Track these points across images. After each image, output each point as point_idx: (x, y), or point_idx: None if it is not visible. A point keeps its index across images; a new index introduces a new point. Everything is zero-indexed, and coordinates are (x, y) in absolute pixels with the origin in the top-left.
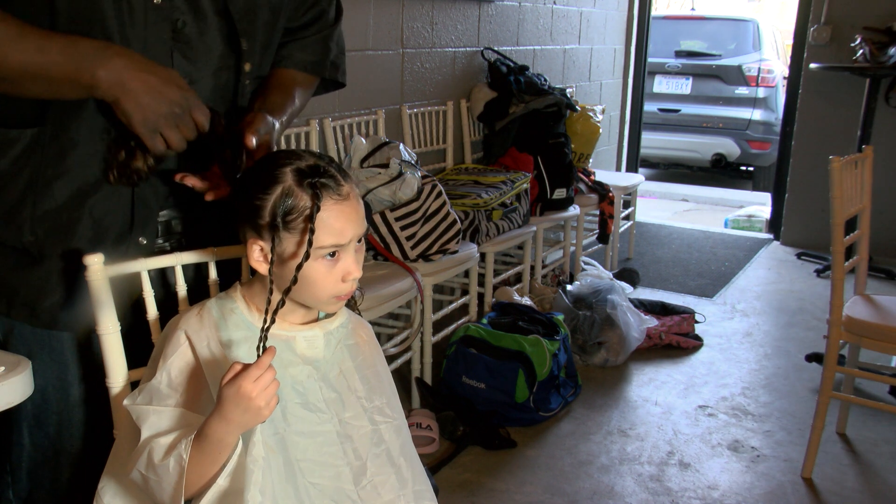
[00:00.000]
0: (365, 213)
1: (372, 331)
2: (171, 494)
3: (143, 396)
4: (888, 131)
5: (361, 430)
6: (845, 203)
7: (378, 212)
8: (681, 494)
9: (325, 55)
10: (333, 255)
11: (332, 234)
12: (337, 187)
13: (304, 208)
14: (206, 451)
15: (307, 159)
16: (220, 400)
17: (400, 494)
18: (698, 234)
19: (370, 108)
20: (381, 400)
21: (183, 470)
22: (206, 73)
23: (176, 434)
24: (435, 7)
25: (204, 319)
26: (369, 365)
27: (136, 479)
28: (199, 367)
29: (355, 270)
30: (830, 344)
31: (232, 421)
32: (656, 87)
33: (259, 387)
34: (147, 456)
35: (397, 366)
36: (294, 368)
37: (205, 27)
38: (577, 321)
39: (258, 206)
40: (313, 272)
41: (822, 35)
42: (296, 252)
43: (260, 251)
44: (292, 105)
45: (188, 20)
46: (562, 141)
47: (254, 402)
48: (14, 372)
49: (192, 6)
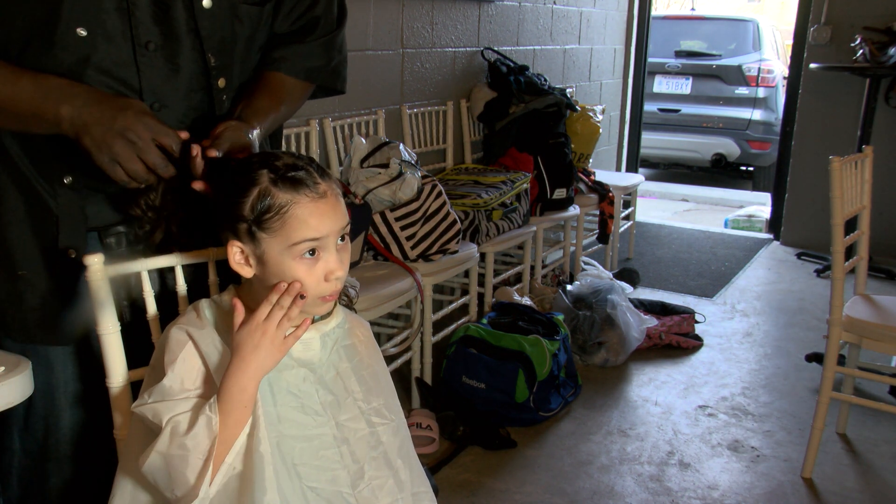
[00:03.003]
0: (365, 215)
1: (370, 329)
2: (199, 467)
3: (154, 396)
4: (888, 131)
5: (359, 433)
6: (845, 203)
7: (378, 212)
8: (681, 494)
9: (323, 62)
10: (313, 253)
11: (307, 229)
12: (313, 185)
13: (279, 207)
14: (230, 408)
15: (284, 159)
16: (235, 347)
17: (398, 497)
18: (698, 234)
19: (370, 108)
20: (379, 401)
21: (214, 433)
22: (178, 94)
23: (195, 409)
24: (435, 7)
25: (203, 319)
26: (366, 366)
27: (153, 467)
28: (205, 365)
29: (338, 269)
30: (830, 344)
31: (249, 363)
32: (656, 87)
33: (270, 324)
34: (169, 433)
35: (397, 366)
36: (289, 372)
37: (177, 48)
38: (577, 321)
39: (236, 209)
40: (294, 272)
41: (822, 35)
42: (275, 253)
43: (240, 253)
44: (276, 112)
45: (158, 42)
46: (562, 141)
47: (266, 337)
48: (14, 372)
49: (162, 28)
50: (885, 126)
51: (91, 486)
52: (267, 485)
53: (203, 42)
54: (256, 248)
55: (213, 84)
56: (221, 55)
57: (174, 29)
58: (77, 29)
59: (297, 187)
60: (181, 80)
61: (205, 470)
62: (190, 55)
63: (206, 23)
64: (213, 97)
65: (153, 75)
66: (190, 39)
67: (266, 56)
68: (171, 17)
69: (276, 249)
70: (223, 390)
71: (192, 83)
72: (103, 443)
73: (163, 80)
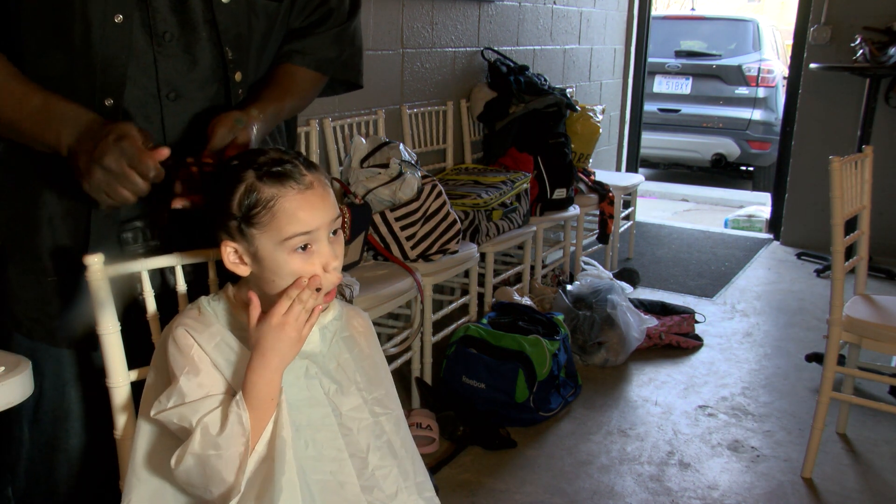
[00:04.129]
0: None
1: (368, 319)
2: (237, 464)
3: (173, 400)
4: (888, 131)
5: (362, 423)
6: (845, 203)
7: (378, 212)
8: (681, 494)
9: (335, 53)
10: (305, 248)
11: (297, 222)
12: (299, 177)
13: (266, 201)
14: (257, 403)
15: (270, 154)
16: (255, 343)
17: (403, 486)
18: (698, 234)
19: (370, 108)
20: (380, 391)
21: (247, 430)
22: (194, 85)
23: (223, 407)
24: (435, 7)
25: (205, 316)
26: (366, 356)
27: (188, 468)
28: (214, 363)
29: (333, 259)
30: (830, 344)
31: (271, 358)
32: (656, 87)
33: (291, 318)
34: (201, 434)
35: (397, 366)
36: (291, 364)
37: (193, 39)
38: (577, 321)
39: (225, 208)
40: (290, 266)
41: (822, 35)
42: (269, 249)
43: (234, 253)
44: (280, 102)
45: (175, 32)
46: (562, 141)
47: (285, 331)
48: (14, 372)
49: (179, 18)
50: (885, 126)
51: (98, 479)
52: (286, 466)
53: (220, 35)
54: (250, 246)
55: (231, 77)
56: (238, 49)
57: (191, 20)
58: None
59: (283, 180)
60: (198, 72)
61: (242, 466)
62: (206, 47)
63: (222, 16)
64: (230, 90)
65: (169, 66)
66: (206, 31)
67: (278, 49)
68: (188, 8)
69: (268, 246)
70: (249, 386)
71: (208, 75)
72: (111, 437)
73: (179, 71)
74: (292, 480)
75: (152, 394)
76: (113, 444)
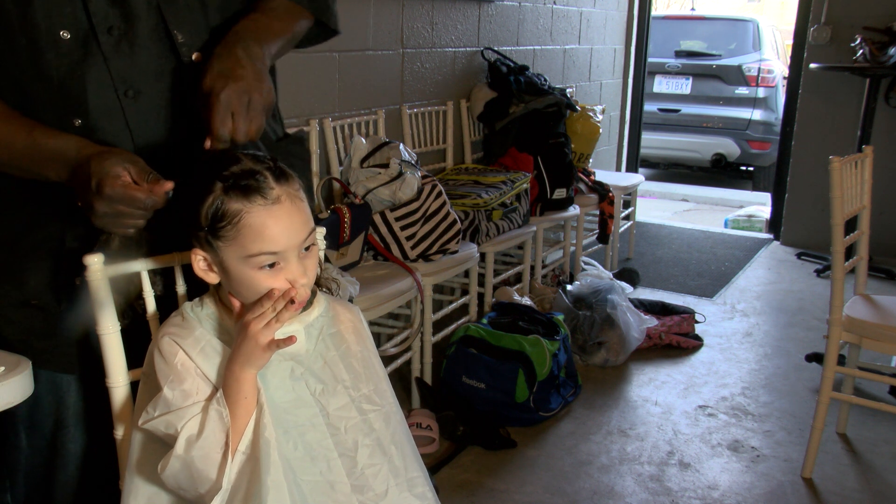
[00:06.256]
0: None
1: (359, 313)
2: (219, 461)
3: (159, 409)
4: (888, 131)
5: (350, 422)
6: (845, 203)
7: (378, 212)
8: (681, 494)
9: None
10: (273, 265)
11: (262, 240)
12: (267, 191)
13: (231, 216)
14: (234, 398)
15: (243, 163)
16: (233, 341)
17: (393, 484)
18: (698, 234)
19: (370, 108)
20: (369, 387)
21: (226, 424)
22: (149, 77)
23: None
24: (435, 7)
25: (189, 321)
26: (354, 352)
27: (174, 471)
28: (200, 369)
29: (301, 276)
30: (830, 344)
31: (237, 357)
32: (656, 87)
33: (260, 322)
34: (185, 437)
35: (397, 366)
36: (276, 366)
37: (138, 28)
38: (577, 321)
39: (194, 216)
40: (255, 282)
41: (822, 35)
42: (234, 263)
43: (204, 261)
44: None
45: (119, 25)
46: (562, 141)
47: (250, 330)
48: (14, 372)
49: (121, 10)
50: (885, 126)
51: (97, 483)
52: (272, 467)
53: (165, 19)
54: (216, 257)
55: (186, 62)
56: (189, 30)
57: (133, 10)
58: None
59: (249, 195)
60: (150, 62)
61: (224, 462)
62: (153, 35)
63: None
64: (188, 75)
65: (120, 62)
66: (155, 18)
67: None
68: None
69: (233, 259)
70: (224, 384)
71: (161, 63)
72: (111, 441)
73: (131, 65)
74: (278, 480)
75: (143, 403)
76: (113, 445)
